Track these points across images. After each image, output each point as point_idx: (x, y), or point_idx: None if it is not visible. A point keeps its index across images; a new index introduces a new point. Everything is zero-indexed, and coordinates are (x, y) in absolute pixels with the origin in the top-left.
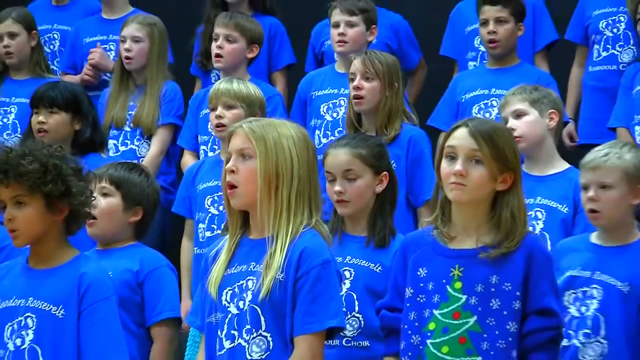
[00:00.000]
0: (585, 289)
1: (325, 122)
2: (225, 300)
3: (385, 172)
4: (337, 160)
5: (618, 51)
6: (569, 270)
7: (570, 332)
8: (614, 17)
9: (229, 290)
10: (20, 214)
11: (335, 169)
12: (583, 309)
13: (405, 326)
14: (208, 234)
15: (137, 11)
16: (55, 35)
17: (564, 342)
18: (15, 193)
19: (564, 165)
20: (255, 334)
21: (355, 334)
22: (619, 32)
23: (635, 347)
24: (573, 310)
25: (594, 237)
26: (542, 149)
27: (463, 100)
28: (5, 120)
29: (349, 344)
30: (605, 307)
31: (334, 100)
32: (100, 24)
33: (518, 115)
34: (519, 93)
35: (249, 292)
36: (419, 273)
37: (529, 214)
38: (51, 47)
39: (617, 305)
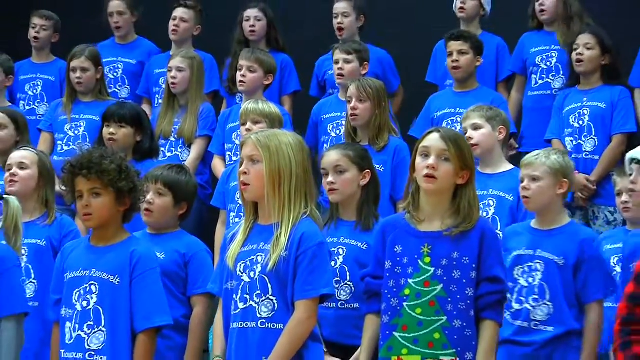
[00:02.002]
0: (530, 263)
1: (331, 137)
2: (239, 271)
3: (367, 170)
4: (329, 158)
5: (551, 79)
6: (515, 250)
7: (522, 298)
8: (547, 53)
9: (243, 263)
10: (95, 202)
11: (328, 165)
12: (530, 279)
13: (386, 291)
14: (237, 220)
15: (196, 50)
16: (119, 65)
17: (517, 306)
18: (93, 186)
19: (510, 166)
20: (264, 298)
21: (348, 298)
22: (551, 65)
23: (573, 305)
24: (522, 281)
25: (532, 223)
26: (492, 154)
27: (435, 117)
28: (76, 132)
29: (343, 307)
30: (548, 277)
31: (338, 121)
32: (167, 59)
33: (475, 127)
34: (477, 110)
35: (259, 265)
36: (395, 250)
37: (483, 202)
38: (115, 74)
39: (556, 275)
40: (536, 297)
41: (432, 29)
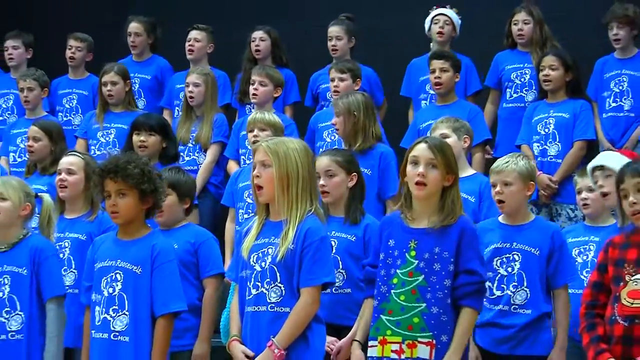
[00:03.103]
0: (507, 255)
1: (326, 143)
2: (252, 261)
3: (354, 173)
4: (321, 164)
5: (524, 93)
6: (492, 244)
7: (503, 285)
8: (521, 70)
9: (255, 254)
10: (122, 202)
11: (320, 169)
12: (509, 269)
13: (378, 279)
14: (245, 216)
15: (212, 69)
16: (135, 81)
17: (498, 293)
18: (119, 187)
19: (472, 171)
20: (273, 285)
21: (341, 284)
22: (524, 80)
23: (544, 290)
24: (502, 271)
25: (501, 219)
26: (458, 160)
27: (421, 128)
28: (107, 139)
29: (337, 292)
30: (525, 266)
31: (332, 129)
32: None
33: (443, 137)
34: (445, 122)
35: (269, 256)
36: (389, 243)
37: None
38: (132, 88)
39: (533, 264)
40: (515, 284)
41: (403, 51)
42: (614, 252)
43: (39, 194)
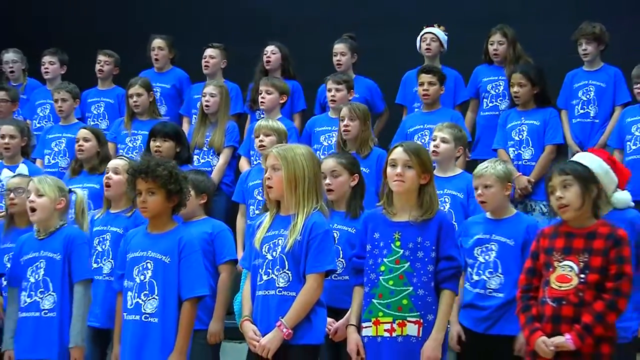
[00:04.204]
0: (487, 245)
1: (323, 146)
2: (264, 251)
3: (356, 174)
4: (327, 165)
5: (499, 103)
6: (476, 235)
7: (480, 271)
8: (496, 82)
9: (267, 245)
10: (150, 199)
11: (326, 170)
12: (487, 257)
13: (367, 268)
14: (257, 212)
15: (226, 81)
16: (157, 90)
17: (476, 277)
18: (149, 186)
19: (459, 171)
20: (282, 272)
21: (340, 272)
22: (499, 91)
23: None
24: (481, 259)
25: (487, 215)
26: (448, 163)
27: (409, 133)
28: (134, 144)
29: (336, 278)
30: (501, 255)
31: (329, 134)
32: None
33: (444, 141)
34: (450, 128)
35: (279, 247)
36: (374, 236)
37: (440, 199)
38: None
39: (507, 253)
40: (491, 270)
41: (400, 64)
42: (544, 241)
43: (72, 189)
